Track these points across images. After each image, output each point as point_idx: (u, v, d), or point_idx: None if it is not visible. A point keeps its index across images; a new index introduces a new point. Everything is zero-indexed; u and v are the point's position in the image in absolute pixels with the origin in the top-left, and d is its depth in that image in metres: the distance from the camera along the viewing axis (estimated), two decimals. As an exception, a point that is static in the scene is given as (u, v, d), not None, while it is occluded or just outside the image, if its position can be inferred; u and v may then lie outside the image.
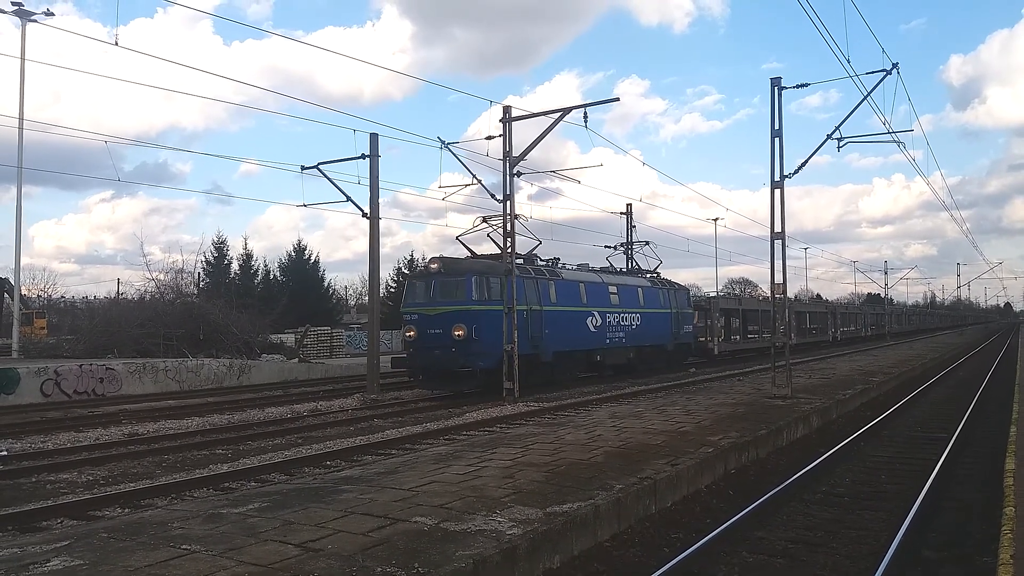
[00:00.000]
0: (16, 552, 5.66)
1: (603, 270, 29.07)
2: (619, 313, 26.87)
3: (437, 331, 20.22)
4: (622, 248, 33.37)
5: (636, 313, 28.06)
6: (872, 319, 72.48)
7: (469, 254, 23.49)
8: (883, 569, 6.07)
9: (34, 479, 10.64)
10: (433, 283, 21.05)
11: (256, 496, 7.57)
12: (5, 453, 12.73)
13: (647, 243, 34.01)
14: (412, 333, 20.85)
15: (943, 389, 22.50)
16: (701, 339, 35.36)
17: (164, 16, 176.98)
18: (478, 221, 22.81)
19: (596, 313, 25.33)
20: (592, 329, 25.08)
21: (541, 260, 24.35)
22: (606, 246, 33.93)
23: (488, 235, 22.89)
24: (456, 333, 19.79)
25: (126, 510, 8.54)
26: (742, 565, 6.50)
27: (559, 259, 25.83)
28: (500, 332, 19.74)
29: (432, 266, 21.57)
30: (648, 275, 31.97)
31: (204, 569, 5.14)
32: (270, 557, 5.39)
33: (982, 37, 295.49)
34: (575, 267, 27.14)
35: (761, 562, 6.59)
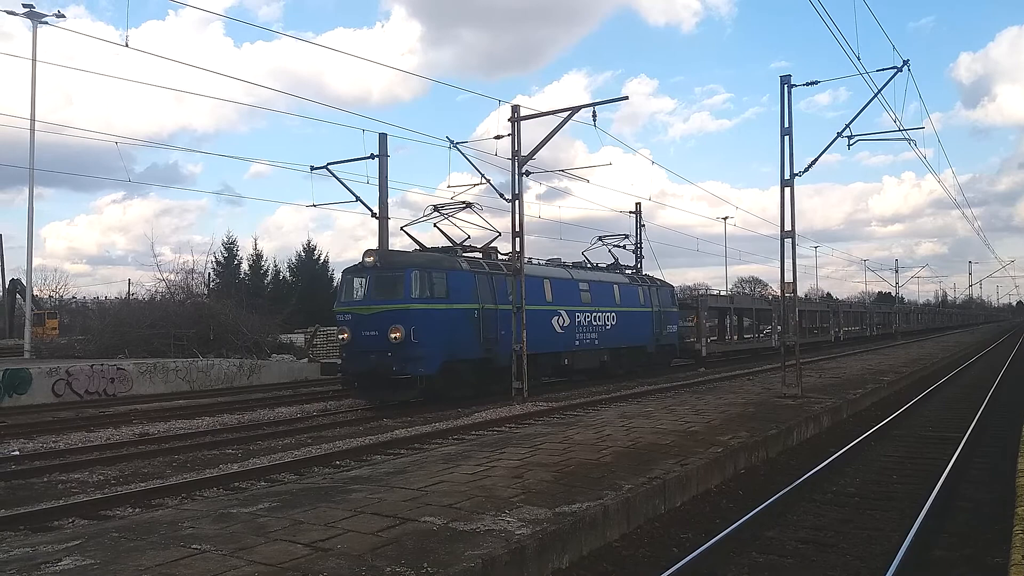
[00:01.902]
0: (28, 551, 5.69)
1: (576, 266, 27.02)
2: (591, 312, 24.82)
3: (372, 333, 18.07)
4: (599, 243, 30.57)
5: (611, 312, 25.98)
6: (879, 318, 69.86)
7: (417, 247, 21.39)
8: (894, 569, 6.04)
9: (46, 479, 10.70)
10: (368, 279, 18.78)
11: (266, 496, 7.60)
12: (17, 453, 12.82)
13: (626, 236, 31.01)
14: (345, 335, 18.62)
15: (954, 388, 22.37)
16: (689, 340, 33.45)
17: (175, 18, 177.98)
18: (428, 209, 21.23)
19: (563, 312, 23.15)
20: (558, 330, 22.94)
21: (502, 255, 22.42)
22: (611, 245, 31.14)
23: (435, 225, 21.28)
24: (393, 335, 17.60)
25: (137, 510, 8.58)
26: (752, 565, 6.48)
27: (520, 253, 23.93)
28: (444, 334, 18.35)
29: (367, 259, 18.95)
30: (628, 271, 29.94)
31: (214, 568, 5.16)
32: (280, 557, 5.40)
33: (991, 35, 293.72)
34: (544, 262, 25.01)
35: (771, 562, 6.57)
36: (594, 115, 18.48)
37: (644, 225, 35.55)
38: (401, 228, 21.33)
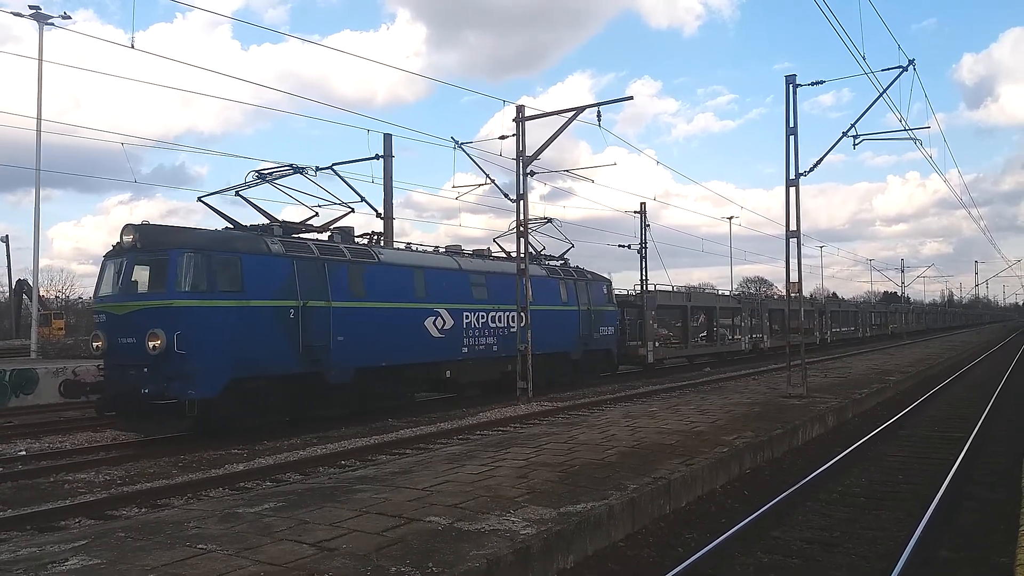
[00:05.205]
0: (35, 551, 5.71)
1: (478, 255, 22.38)
2: (487, 312, 20.16)
3: (129, 340, 13.29)
4: (521, 227, 25.43)
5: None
6: (875, 318, 66.33)
7: (229, 226, 16.09)
8: (900, 569, 6.03)
9: (52, 479, 10.74)
10: (125, 264, 13.76)
11: (271, 495, 7.61)
12: (24, 452, 12.86)
13: (549, 221, 25.68)
14: (99, 343, 13.78)
15: (960, 388, 22.30)
16: (633, 343, 29.33)
17: (183, 21, 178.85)
18: (251, 176, 16.49)
19: (444, 312, 18.56)
20: (435, 334, 18.30)
21: (358, 237, 18.42)
22: (531, 231, 24.32)
23: (238, 194, 16.52)
24: (151, 344, 12.83)
25: (143, 509, 8.62)
26: (757, 565, 6.47)
27: (383, 233, 19.40)
28: (233, 341, 13.64)
29: (125, 237, 13.80)
30: (549, 262, 24.59)
31: (220, 568, 5.18)
32: (285, 556, 5.42)
33: (994, 35, 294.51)
34: (442, 250, 20.91)
35: (776, 562, 6.56)
36: (599, 115, 18.47)
37: (649, 225, 35.57)
38: (199, 199, 16.57)
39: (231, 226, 15.97)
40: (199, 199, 16.55)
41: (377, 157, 22.23)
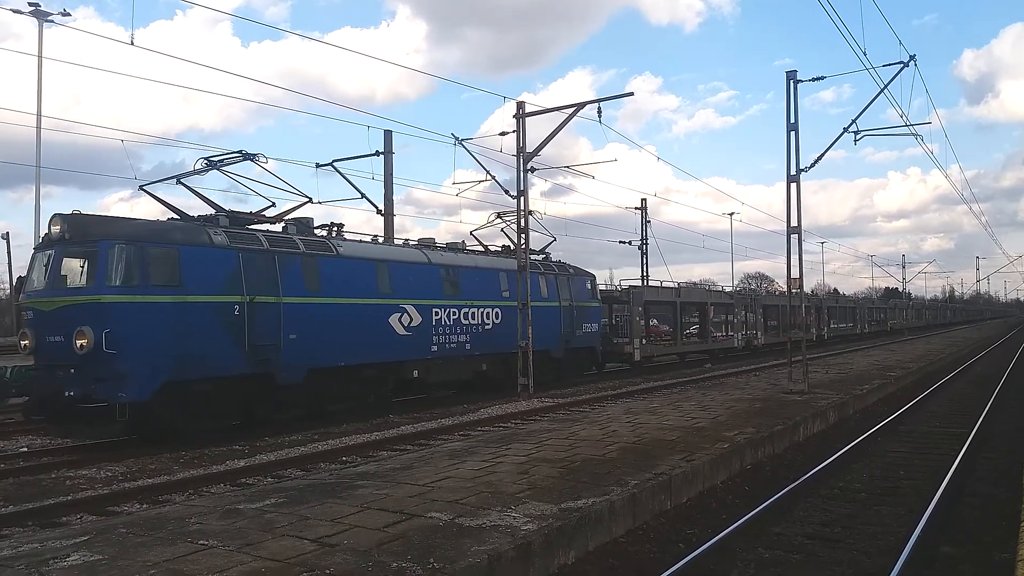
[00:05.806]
0: (36, 547, 5.72)
1: (450, 247, 21.14)
2: (459, 308, 19.19)
3: (57, 339, 12.41)
4: (498, 220, 23.64)
5: (493, 308, 20.24)
6: (874, 314, 65.25)
7: (174, 216, 14.85)
8: (901, 565, 6.03)
9: (53, 475, 10.75)
10: (53, 257, 12.88)
11: (272, 492, 7.61)
12: (25, 449, 12.88)
13: (529, 213, 22.43)
14: (28, 342, 12.89)
15: (962, 384, 22.28)
16: (619, 340, 28.75)
17: (183, 18, 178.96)
18: (200, 163, 15.32)
19: (410, 308, 17.59)
20: (401, 332, 17.34)
21: (317, 229, 17.15)
22: (509, 223, 22.83)
23: (179, 182, 15.34)
24: (79, 342, 11.97)
25: (144, 505, 8.63)
26: (758, 561, 6.46)
27: (342, 225, 17.80)
28: (169, 340, 12.73)
29: (54, 228, 12.95)
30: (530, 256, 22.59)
31: (221, 564, 5.18)
32: (287, 552, 5.42)
33: (995, 31, 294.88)
34: (414, 243, 20.20)
35: (777, 558, 6.55)
36: (599, 112, 18.51)
37: (650, 221, 35.62)
38: (141, 187, 15.29)
39: (176, 216, 14.84)
40: (141, 187, 15.35)
41: (378, 154, 22.31)
